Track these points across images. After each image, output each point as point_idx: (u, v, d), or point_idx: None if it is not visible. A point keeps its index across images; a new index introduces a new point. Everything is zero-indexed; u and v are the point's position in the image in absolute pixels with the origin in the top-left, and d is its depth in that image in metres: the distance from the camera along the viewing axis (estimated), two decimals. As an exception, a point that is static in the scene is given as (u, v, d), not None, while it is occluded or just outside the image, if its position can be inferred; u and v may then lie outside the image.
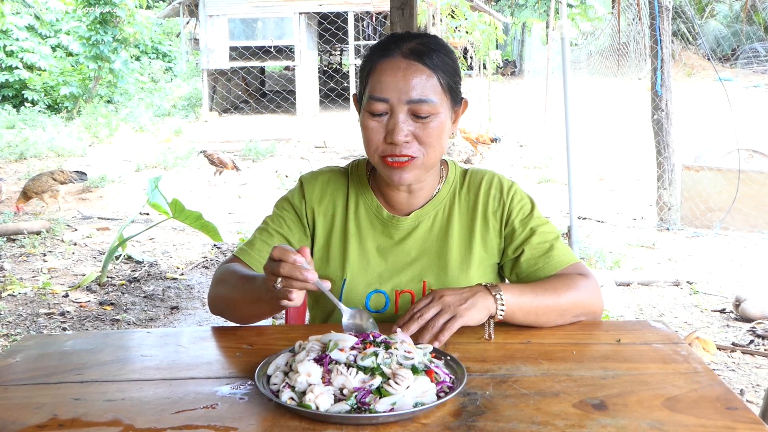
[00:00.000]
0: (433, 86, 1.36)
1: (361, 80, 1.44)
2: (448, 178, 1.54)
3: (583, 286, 1.40)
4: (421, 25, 10.74)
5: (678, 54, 12.43)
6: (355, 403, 1.02)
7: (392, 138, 1.35)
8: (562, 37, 4.60)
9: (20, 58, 14.64)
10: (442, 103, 1.38)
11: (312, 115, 15.12)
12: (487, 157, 10.02)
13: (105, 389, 1.15)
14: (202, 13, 15.04)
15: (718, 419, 1.02)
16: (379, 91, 1.36)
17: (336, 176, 1.56)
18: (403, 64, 1.36)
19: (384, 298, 1.48)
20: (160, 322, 4.16)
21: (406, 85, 1.35)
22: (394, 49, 1.38)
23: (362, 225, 1.51)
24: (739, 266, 5.07)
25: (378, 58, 1.39)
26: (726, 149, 6.63)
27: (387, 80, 1.36)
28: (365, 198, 1.53)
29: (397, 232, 1.51)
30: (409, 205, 1.51)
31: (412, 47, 1.37)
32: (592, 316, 1.41)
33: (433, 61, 1.37)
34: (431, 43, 1.40)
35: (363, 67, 1.43)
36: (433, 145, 1.38)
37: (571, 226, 4.50)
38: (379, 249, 1.50)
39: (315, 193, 1.54)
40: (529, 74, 16.44)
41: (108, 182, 8.30)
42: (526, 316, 1.33)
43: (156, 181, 4.64)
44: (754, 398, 3.04)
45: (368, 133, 1.39)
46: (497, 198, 1.51)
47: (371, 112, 1.37)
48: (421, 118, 1.36)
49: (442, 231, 1.51)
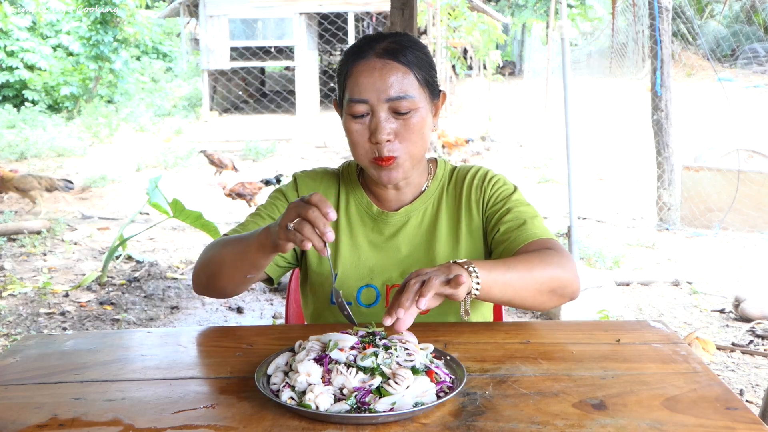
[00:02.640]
0: (410, 82, 1.39)
1: (339, 85, 1.46)
2: (436, 175, 1.56)
3: (556, 258, 1.33)
4: (421, 25, 10.74)
5: (678, 54, 12.43)
6: (355, 403, 1.02)
7: (376, 137, 1.38)
8: (562, 38, 4.60)
9: (21, 58, 14.65)
10: (421, 98, 1.41)
11: (312, 116, 15.11)
12: (486, 156, 10.02)
13: (105, 389, 1.15)
14: (202, 13, 15.04)
15: (717, 419, 1.02)
16: (358, 93, 1.38)
17: (328, 175, 1.60)
18: (379, 63, 1.38)
19: (375, 292, 1.51)
20: (160, 322, 4.16)
21: (383, 84, 1.37)
22: (368, 50, 1.40)
23: (353, 221, 1.54)
24: (739, 266, 5.07)
25: (353, 61, 1.41)
26: (726, 149, 6.63)
27: (364, 81, 1.38)
28: (355, 195, 1.56)
29: (387, 227, 1.53)
30: (398, 201, 1.54)
31: (386, 46, 1.40)
32: (570, 291, 1.34)
33: (408, 57, 1.39)
34: (404, 41, 1.42)
35: (339, 72, 1.45)
36: (416, 141, 1.41)
37: (571, 226, 4.50)
38: (370, 244, 1.53)
39: (308, 189, 1.57)
40: (529, 74, 16.44)
41: (108, 182, 8.30)
42: (502, 290, 1.26)
43: (156, 180, 4.64)
44: (754, 398, 3.04)
45: (353, 136, 1.41)
46: (479, 186, 1.53)
47: (353, 115, 1.40)
48: (402, 115, 1.38)
49: (430, 226, 1.53)
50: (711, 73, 10.92)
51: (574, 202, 4.48)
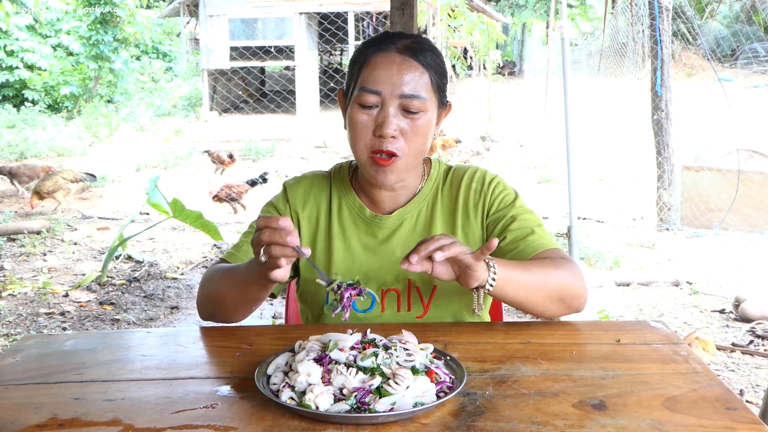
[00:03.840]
0: (425, 83, 1.38)
1: (351, 74, 1.44)
2: (431, 176, 1.54)
3: (567, 268, 1.37)
4: (421, 25, 10.74)
5: (678, 54, 12.43)
6: (354, 403, 1.02)
7: (381, 131, 1.36)
8: (562, 38, 4.59)
9: (21, 57, 14.65)
10: (431, 102, 1.40)
11: (312, 115, 15.11)
12: (486, 157, 10.02)
13: (105, 389, 1.15)
14: (202, 13, 15.04)
15: (717, 419, 1.02)
16: (372, 83, 1.37)
17: (318, 180, 1.57)
18: (398, 59, 1.38)
19: (370, 297, 1.48)
20: (160, 322, 4.16)
21: (399, 79, 1.36)
22: (389, 44, 1.40)
23: (346, 225, 1.52)
24: (739, 266, 5.07)
25: (373, 52, 1.40)
26: (726, 149, 6.62)
27: (381, 73, 1.37)
28: (347, 199, 1.53)
29: (380, 231, 1.51)
30: (391, 203, 1.51)
31: (407, 44, 1.40)
32: (578, 303, 1.38)
33: (427, 59, 1.39)
34: (424, 43, 1.43)
35: (355, 61, 1.44)
36: (419, 143, 1.40)
37: (571, 226, 4.49)
38: (364, 248, 1.51)
39: (298, 197, 1.55)
40: (529, 74, 16.45)
41: (108, 182, 8.30)
42: (516, 290, 1.29)
43: (155, 180, 4.64)
44: (754, 398, 3.04)
45: (357, 127, 1.39)
46: (478, 190, 1.51)
47: (361, 104, 1.38)
48: (411, 114, 1.37)
49: (425, 228, 1.51)
50: (711, 73, 10.91)
51: (574, 202, 4.47)
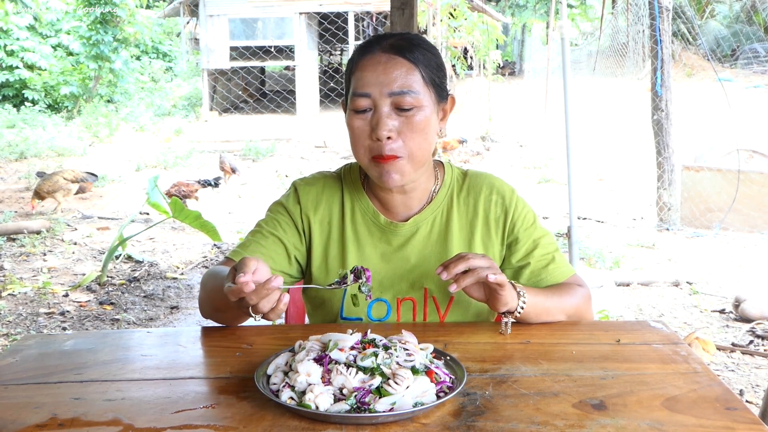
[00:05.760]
0: (414, 79, 1.36)
1: (346, 83, 1.44)
2: (444, 181, 1.51)
3: (581, 295, 1.49)
4: (421, 25, 10.73)
5: (678, 54, 12.45)
6: (354, 403, 1.02)
7: (377, 133, 1.34)
8: (562, 38, 4.59)
9: (21, 57, 14.65)
10: (426, 97, 1.37)
11: (312, 115, 15.11)
12: (486, 157, 10.02)
13: (105, 389, 1.15)
14: (202, 13, 15.04)
15: (717, 419, 1.02)
16: (361, 86, 1.36)
17: (330, 182, 1.53)
18: (383, 58, 1.36)
19: (386, 306, 1.46)
20: (159, 322, 4.16)
21: (386, 78, 1.34)
22: (375, 46, 1.39)
23: (360, 232, 1.48)
24: (739, 266, 5.07)
25: (359, 57, 1.40)
26: (726, 149, 6.62)
27: (368, 75, 1.36)
28: (361, 203, 1.50)
29: (395, 238, 1.48)
30: (405, 208, 1.48)
31: (392, 42, 1.39)
32: (583, 320, 1.50)
33: (414, 54, 1.37)
34: (413, 39, 1.40)
35: (347, 69, 1.44)
36: (419, 140, 1.37)
37: (571, 226, 4.49)
38: (379, 256, 1.47)
39: (310, 200, 1.50)
40: (529, 74, 16.44)
41: (108, 182, 8.30)
42: (538, 314, 1.39)
43: (155, 180, 4.64)
44: (754, 398, 3.04)
45: (355, 133, 1.38)
46: (500, 204, 1.50)
47: (355, 110, 1.37)
48: (405, 111, 1.35)
49: (441, 236, 1.48)
50: (711, 73, 10.92)
51: (574, 202, 4.47)
